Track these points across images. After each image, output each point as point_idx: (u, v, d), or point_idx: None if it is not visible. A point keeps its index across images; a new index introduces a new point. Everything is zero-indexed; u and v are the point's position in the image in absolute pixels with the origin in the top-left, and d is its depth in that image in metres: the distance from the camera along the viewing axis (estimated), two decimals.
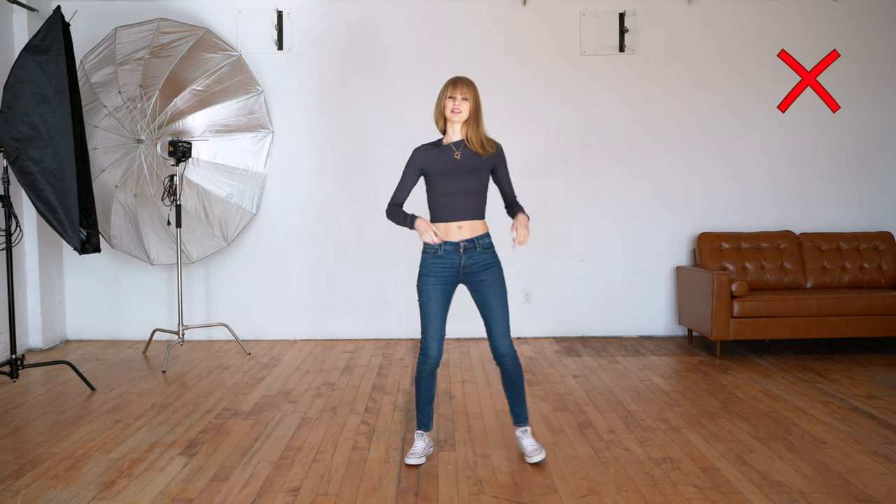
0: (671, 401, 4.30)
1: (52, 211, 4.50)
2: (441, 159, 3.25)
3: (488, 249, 3.28)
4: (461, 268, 3.25)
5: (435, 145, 3.32)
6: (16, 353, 4.51)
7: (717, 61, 6.10)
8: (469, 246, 3.25)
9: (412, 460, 3.28)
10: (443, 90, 3.24)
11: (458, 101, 3.19)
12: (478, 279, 3.26)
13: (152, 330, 5.82)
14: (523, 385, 3.36)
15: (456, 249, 3.24)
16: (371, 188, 6.09)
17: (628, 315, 6.19)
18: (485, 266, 3.26)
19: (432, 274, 3.25)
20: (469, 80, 3.24)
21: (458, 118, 3.21)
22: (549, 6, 6.06)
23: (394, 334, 6.18)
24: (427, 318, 3.27)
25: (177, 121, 5.42)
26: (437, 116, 3.28)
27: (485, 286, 3.26)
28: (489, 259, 3.28)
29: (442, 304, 3.27)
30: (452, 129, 3.27)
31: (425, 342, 3.27)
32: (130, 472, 3.23)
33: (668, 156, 6.13)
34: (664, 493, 2.97)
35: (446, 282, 3.26)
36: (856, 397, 4.35)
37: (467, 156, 3.24)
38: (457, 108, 3.19)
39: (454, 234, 3.24)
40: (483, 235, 3.28)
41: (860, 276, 5.85)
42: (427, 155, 3.29)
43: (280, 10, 5.99)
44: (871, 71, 6.13)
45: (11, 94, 4.46)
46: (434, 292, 3.25)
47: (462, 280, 3.29)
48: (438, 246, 3.24)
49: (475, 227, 3.26)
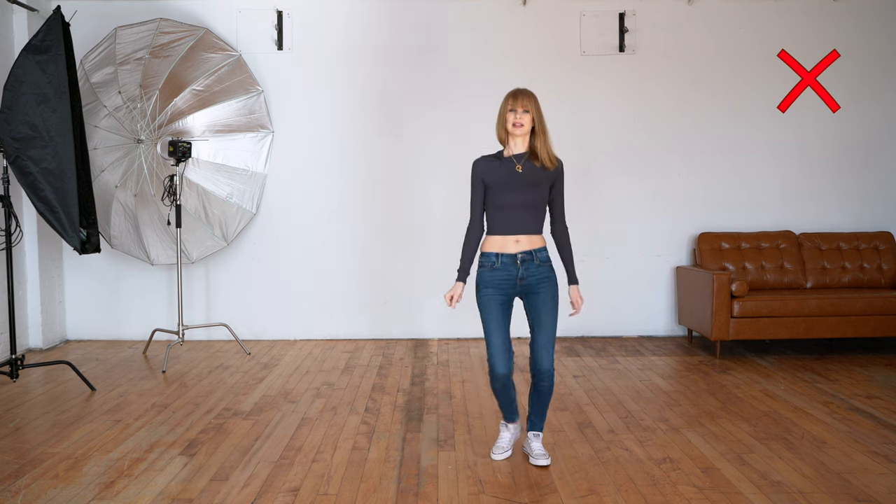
0: (671, 401, 4.30)
1: (52, 211, 4.50)
2: (501, 171, 3.23)
3: (545, 262, 3.26)
4: (518, 279, 3.23)
5: (496, 157, 3.29)
6: (16, 353, 4.51)
7: (717, 61, 6.10)
8: (527, 258, 3.22)
9: (499, 455, 3.35)
10: (504, 103, 3.23)
11: (520, 113, 3.17)
12: (534, 291, 3.24)
13: (152, 330, 5.82)
14: (549, 401, 3.34)
15: (513, 261, 3.22)
16: (371, 188, 6.09)
17: (628, 315, 6.19)
18: (541, 279, 3.24)
19: (490, 285, 3.23)
20: (530, 91, 3.22)
21: (519, 131, 3.19)
22: (549, 6, 6.06)
23: (394, 334, 6.18)
24: (489, 331, 3.23)
25: (177, 121, 5.42)
26: (498, 129, 3.26)
27: (539, 299, 3.23)
28: (546, 272, 3.25)
29: (502, 314, 3.23)
30: (514, 142, 3.24)
31: (491, 358, 3.23)
32: (130, 472, 3.23)
33: (668, 156, 6.13)
34: (664, 493, 2.97)
35: (504, 293, 3.23)
36: (856, 397, 4.35)
37: (529, 169, 3.21)
38: (518, 122, 3.17)
39: (511, 246, 3.22)
40: (541, 249, 3.26)
41: (860, 276, 5.85)
42: (487, 167, 3.26)
43: (280, 10, 5.99)
44: (871, 71, 6.13)
45: (11, 94, 4.46)
46: (493, 303, 3.22)
47: (519, 292, 3.26)
48: (495, 258, 3.22)
49: (533, 240, 3.24)
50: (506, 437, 3.42)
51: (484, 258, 3.27)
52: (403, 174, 6.10)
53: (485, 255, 3.27)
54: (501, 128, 3.25)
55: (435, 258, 5.97)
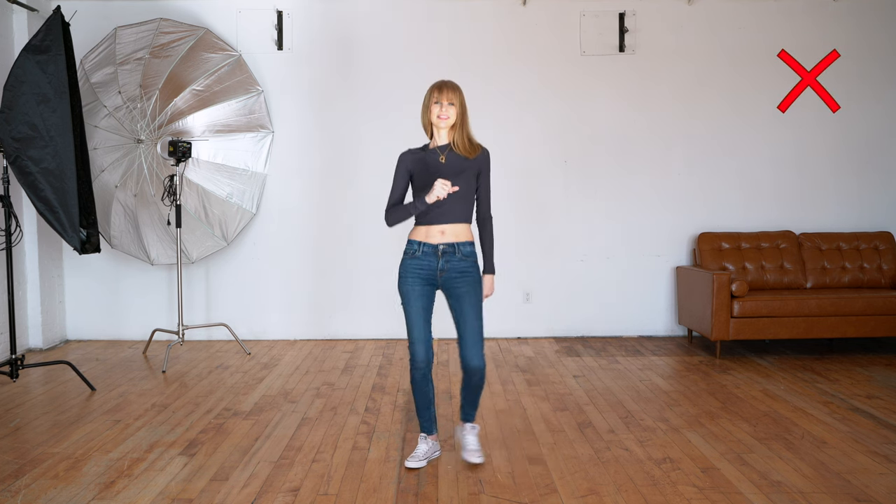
0: (671, 401, 4.30)
1: (52, 211, 4.50)
2: (427, 162, 3.24)
3: (469, 257, 3.24)
4: (438, 271, 3.22)
5: (421, 149, 3.32)
6: (16, 353, 4.51)
7: (717, 61, 6.10)
8: (448, 250, 3.22)
9: (412, 463, 3.26)
10: (428, 95, 3.22)
11: (445, 106, 3.18)
12: (453, 285, 3.22)
13: (152, 330, 5.82)
14: (481, 393, 3.33)
15: (434, 252, 3.22)
16: (371, 188, 6.09)
17: (628, 315, 6.19)
18: (462, 273, 3.22)
19: (410, 274, 3.24)
20: (455, 84, 3.22)
21: (444, 124, 3.20)
22: (549, 6, 6.06)
23: (394, 334, 6.18)
24: (410, 321, 3.25)
25: (177, 121, 5.42)
26: (424, 121, 3.27)
27: (460, 293, 3.22)
28: (468, 267, 3.23)
29: (423, 305, 3.24)
30: (439, 134, 3.25)
31: (412, 346, 3.24)
32: (130, 472, 3.23)
33: (667, 156, 6.13)
34: (664, 493, 2.97)
35: (425, 283, 3.24)
36: (856, 397, 4.35)
37: (452, 159, 3.23)
38: (443, 115, 3.18)
39: (435, 237, 3.22)
40: (465, 243, 3.25)
41: (860, 276, 5.85)
42: (413, 158, 3.29)
43: (280, 10, 5.99)
44: (871, 71, 6.13)
45: (11, 94, 4.46)
46: (413, 293, 3.23)
47: (439, 285, 3.26)
48: (417, 246, 3.23)
49: (458, 231, 3.23)
50: (422, 448, 3.31)
51: (407, 245, 3.28)
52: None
53: (409, 243, 3.28)
54: (426, 118, 3.24)
55: None
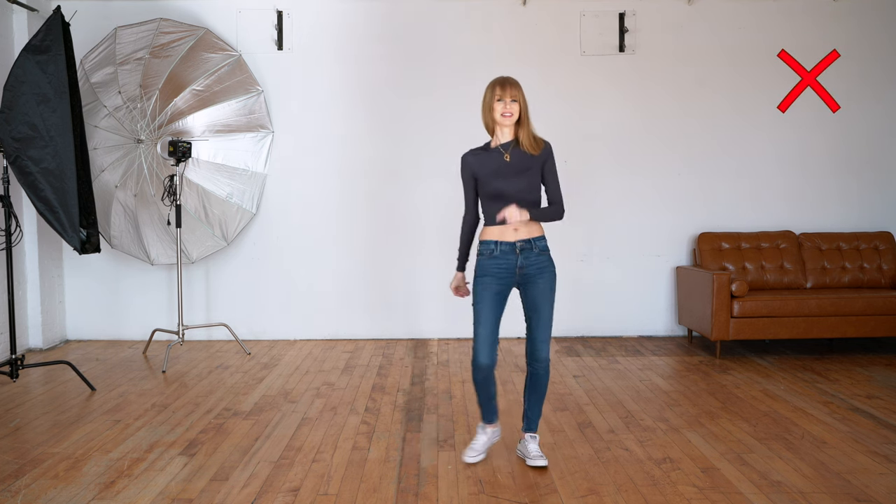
0: (671, 401, 4.30)
1: (52, 211, 4.50)
2: (490, 162, 3.20)
3: (545, 252, 3.23)
4: (517, 268, 3.19)
5: (483, 149, 3.27)
6: (16, 353, 4.51)
7: (717, 61, 6.10)
8: (526, 246, 3.19)
9: (471, 458, 3.29)
10: (489, 92, 3.17)
11: (508, 103, 3.13)
12: (532, 281, 3.21)
13: (152, 330, 5.82)
14: (545, 393, 3.33)
15: (512, 250, 3.19)
16: (371, 188, 6.10)
17: (628, 315, 6.19)
18: (541, 269, 3.21)
19: (488, 274, 3.19)
20: (514, 79, 3.18)
21: (508, 121, 3.15)
22: (549, 6, 6.06)
23: (394, 334, 6.18)
24: (478, 321, 3.20)
25: (177, 121, 5.42)
26: (486, 120, 3.22)
27: (538, 290, 3.21)
28: (545, 262, 3.23)
29: (495, 305, 3.20)
30: (501, 132, 3.21)
31: (475, 346, 3.20)
32: (130, 472, 3.23)
33: (667, 156, 6.13)
34: (664, 493, 2.97)
35: (502, 283, 3.20)
36: (856, 397, 4.35)
37: (517, 156, 3.18)
38: (508, 111, 3.13)
39: (509, 235, 3.19)
40: (540, 237, 3.23)
41: (860, 276, 5.85)
42: (475, 159, 3.25)
43: (280, 10, 5.99)
44: (871, 71, 6.13)
45: (11, 94, 4.46)
46: (488, 293, 3.19)
47: (517, 282, 3.23)
48: (494, 245, 3.20)
49: (531, 228, 3.21)
50: (481, 439, 3.34)
51: (483, 246, 3.24)
52: (403, 174, 6.10)
53: (483, 244, 3.24)
54: (489, 117, 3.20)
55: (435, 257, 5.97)
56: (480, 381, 3.25)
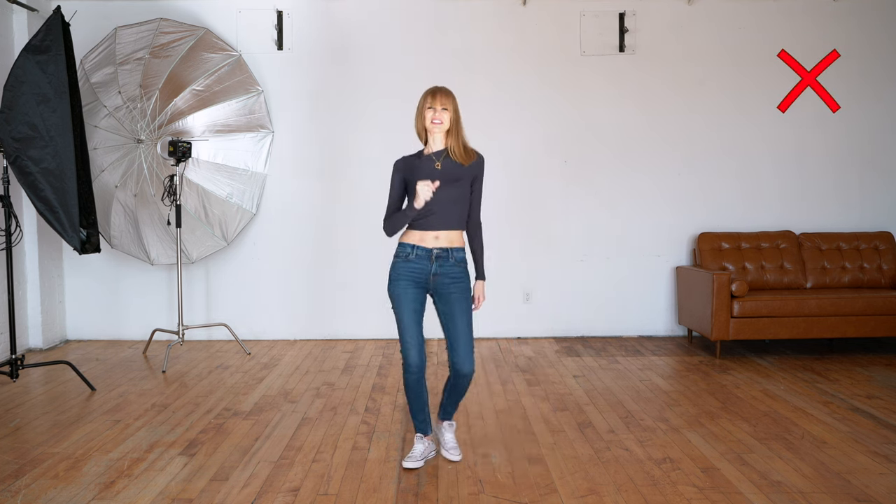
0: (671, 401, 4.30)
1: (52, 211, 4.50)
2: (422, 169, 3.24)
3: (461, 263, 3.26)
4: (431, 275, 3.22)
5: (415, 156, 3.32)
6: (16, 353, 4.51)
7: (717, 61, 6.10)
8: (442, 254, 3.22)
9: (409, 464, 3.26)
10: (422, 101, 3.24)
11: (438, 111, 3.19)
12: (446, 291, 3.23)
13: (152, 330, 5.82)
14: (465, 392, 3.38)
15: (428, 256, 3.22)
16: (371, 188, 6.09)
17: (628, 315, 6.19)
18: (455, 279, 3.23)
19: (402, 277, 3.23)
20: (447, 89, 3.23)
21: (438, 129, 3.20)
22: (549, 6, 6.06)
23: (394, 334, 6.17)
24: (401, 324, 3.22)
25: (177, 121, 5.42)
26: (418, 127, 3.28)
27: (452, 299, 3.22)
28: (460, 273, 3.25)
29: (415, 308, 3.23)
30: (433, 140, 3.25)
31: (404, 350, 3.22)
32: (130, 472, 3.23)
33: (667, 156, 6.13)
34: (664, 493, 2.97)
35: (417, 286, 3.23)
36: (856, 397, 4.35)
37: (448, 165, 3.22)
38: (437, 119, 3.18)
39: (429, 241, 3.22)
40: (459, 248, 3.27)
41: (860, 276, 5.85)
42: (407, 166, 3.30)
43: (280, 10, 5.99)
44: (871, 71, 6.13)
45: (11, 94, 4.46)
46: (406, 296, 3.22)
47: (430, 289, 3.26)
48: (411, 249, 3.23)
49: (452, 238, 3.25)
50: (419, 448, 3.31)
51: (400, 248, 3.28)
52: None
53: (401, 245, 3.28)
54: (420, 124, 3.25)
55: None
56: (413, 383, 3.25)
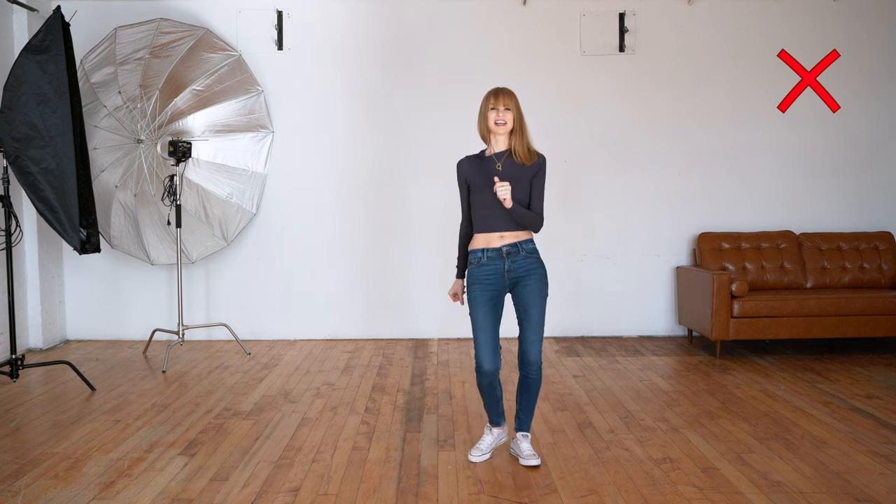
0: (671, 401, 4.30)
1: (52, 211, 4.50)
2: (482, 171, 3.24)
3: (532, 254, 3.25)
4: (506, 273, 3.23)
5: (478, 156, 3.32)
6: (16, 353, 4.51)
7: (717, 61, 6.10)
8: (512, 250, 3.22)
9: (476, 457, 3.32)
10: (484, 101, 3.24)
11: (502, 111, 3.19)
12: (522, 283, 3.23)
13: (152, 330, 5.82)
14: (538, 395, 3.35)
15: (499, 255, 3.23)
16: (371, 188, 6.09)
17: (628, 315, 6.19)
18: (529, 271, 3.23)
19: (477, 282, 3.23)
20: (509, 90, 3.24)
21: (502, 130, 3.20)
22: (549, 6, 6.06)
23: (394, 334, 6.18)
24: (476, 328, 3.22)
25: (177, 121, 5.42)
26: (481, 128, 3.27)
27: (527, 291, 3.23)
28: (533, 264, 3.25)
29: (490, 310, 3.22)
30: (496, 140, 3.26)
31: (477, 354, 3.22)
32: (130, 472, 3.23)
33: (667, 156, 6.13)
34: (664, 493, 2.97)
35: (493, 289, 3.23)
36: (856, 397, 4.35)
37: (509, 166, 3.22)
38: (500, 119, 3.18)
39: (495, 241, 3.23)
40: (527, 241, 3.26)
41: (860, 276, 5.85)
42: (469, 167, 3.30)
43: (280, 10, 5.99)
44: (871, 71, 6.13)
45: (11, 94, 4.46)
46: (481, 300, 3.21)
47: (507, 286, 3.26)
48: (482, 253, 3.24)
49: (517, 233, 3.25)
50: (487, 440, 3.38)
51: (471, 255, 3.29)
52: (403, 174, 6.10)
53: (472, 253, 3.29)
54: (484, 125, 3.26)
55: (434, 257, 5.98)
56: (486, 385, 3.27)
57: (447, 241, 5.61)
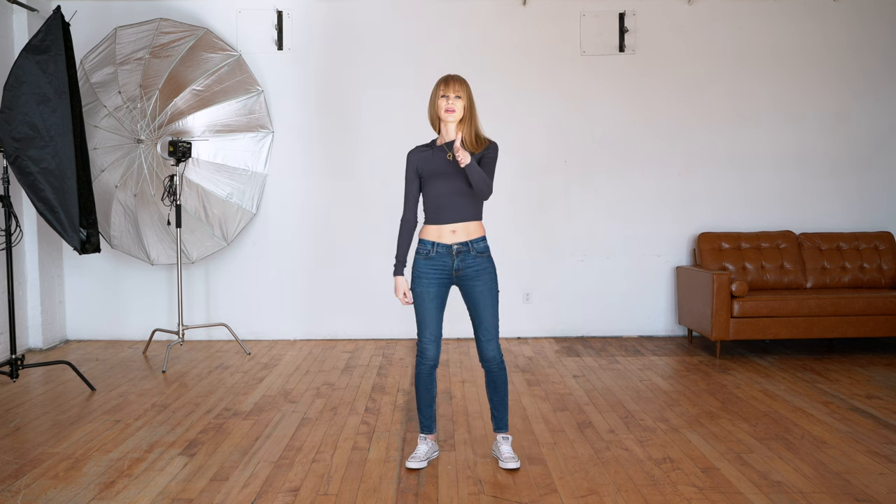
0: (671, 401, 4.30)
1: (52, 211, 4.50)
2: (434, 160, 3.21)
3: (483, 253, 3.22)
4: (454, 271, 3.21)
5: (428, 146, 3.28)
6: (16, 353, 4.51)
7: (717, 61, 6.10)
8: (462, 249, 3.19)
9: (413, 464, 3.25)
10: (435, 89, 3.19)
11: (452, 99, 3.14)
12: (470, 283, 3.21)
13: (152, 330, 5.82)
14: (507, 391, 3.32)
15: (448, 252, 3.19)
16: (371, 188, 6.09)
17: (628, 315, 6.19)
18: (478, 271, 3.21)
19: (424, 276, 3.21)
20: (461, 77, 3.19)
21: (452, 117, 3.15)
22: (549, 6, 6.06)
23: (394, 334, 6.18)
24: (422, 320, 3.23)
25: (177, 121, 5.42)
26: (431, 117, 3.24)
27: (476, 291, 3.21)
28: (483, 263, 3.22)
29: (436, 305, 3.22)
30: (447, 129, 3.21)
31: (422, 343, 3.23)
32: (130, 472, 3.23)
33: (667, 156, 6.13)
34: (664, 493, 2.97)
35: (440, 283, 3.22)
36: (856, 397, 4.35)
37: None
38: (450, 108, 3.14)
39: (447, 237, 3.19)
40: (478, 239, 3.22)
41: (860, 276, 5.85)
42: (420, 157, 3.26)
43: (280, 10, 5.99)
44: (871, 71, 6.13)
45: (11, 94, 4.46)
46: (427, 294, 3.21)
47: (454, 282, 3.25)
48: (431, 246, 3.21)
49: (469, 229, 3.21)
50: (423, 448, 3.31)
51: (420, 245, 3.24)
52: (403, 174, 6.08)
53: (421, 242, 3.25)
54: (434, 113, 3.21)
55: None
56: (425, 374, 3.24)
57: None
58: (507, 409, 3.34)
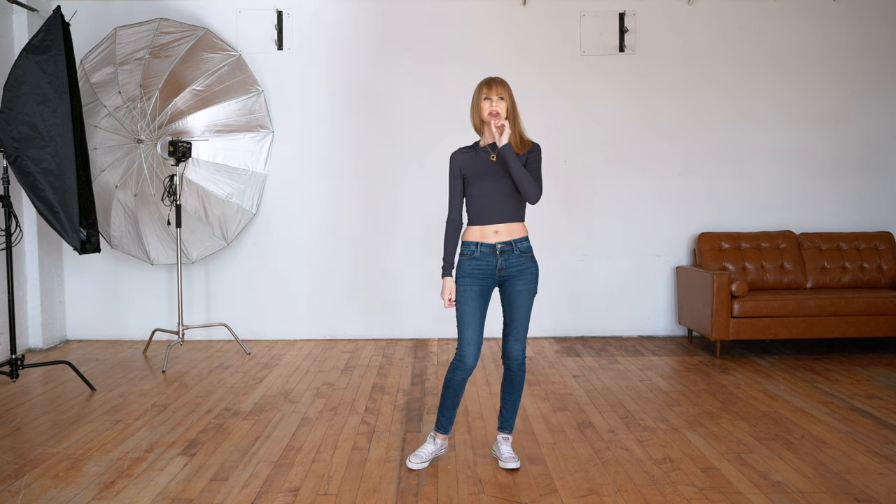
0: (671, 401, 4.30)
1: (52, 211, 4.50)
2: (477, 161, 3.20)
3: (526, 253, 3.21)
4: (497, 270, 3.19)
5: (471, 148, 3.27)
6: (16, 353, 4.51)
7: (717, 61, 6.10)
8: (506, 248, 3.18)
9: (415, 465, 3.25)
10: (477, 91, 3.17)
11: (495, 101, 3.13)
12: (511, 282, 3.20)
13: (152, 330, 5.82)
14: (521, 393, 3.33)
15: (492, 252, 3.18)
16: (371, 188, 6.09)
17: (628, 315, 6.19)
18: (520, 270, 3.20)
19: (468, 275, 3.18)
20: (503, 79, 3.18)
21: (496, 120, 3.13)
22: (549, 6, 6.06)
23: (394, 334, 6.18)
24: (463, 322, 3.18)
25: (177, 121, 5.42)
26: (474, 120, 3.21)
27: (515, 290, 3.20)
28: (526, 263, 3.21)
29: (478, 307, 3.18)
30: (489, 131, 3.20)
31: (461, 347, 3.17)
32: (130, 472, 3.23)
33: (667, 156, 6.13)
34: (664, 493, 2.97)
35: (483, 284, 3.19)
36: (856, 397, 4.35)
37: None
38: (494, 110, 3.12)
39: (490, 237, 3.18)
40: (521, 238, 3.21)
41: (860, 276, 5.85)
42: (463, 158, 3.24)
43: (280, 10, 5.99)
44: (871, 71, 6.13)
45: (11, 94, 4.46)
46: (470, 293, 3.17)
47: (497, 282, 3.23)
48: (475, 247, 3.20)
49: (512, 229, 3.20)
50: (429, 448, 3.31)
51: (464, 247, 3.24)
52: (404, 174, 6.10)
53: (465, 244, 3.24)
54: (476, 116, 3.19)
55: (434, 257, 5.94)
56: (459, 381, 3.21)
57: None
58: (516, 411, 3.35)
